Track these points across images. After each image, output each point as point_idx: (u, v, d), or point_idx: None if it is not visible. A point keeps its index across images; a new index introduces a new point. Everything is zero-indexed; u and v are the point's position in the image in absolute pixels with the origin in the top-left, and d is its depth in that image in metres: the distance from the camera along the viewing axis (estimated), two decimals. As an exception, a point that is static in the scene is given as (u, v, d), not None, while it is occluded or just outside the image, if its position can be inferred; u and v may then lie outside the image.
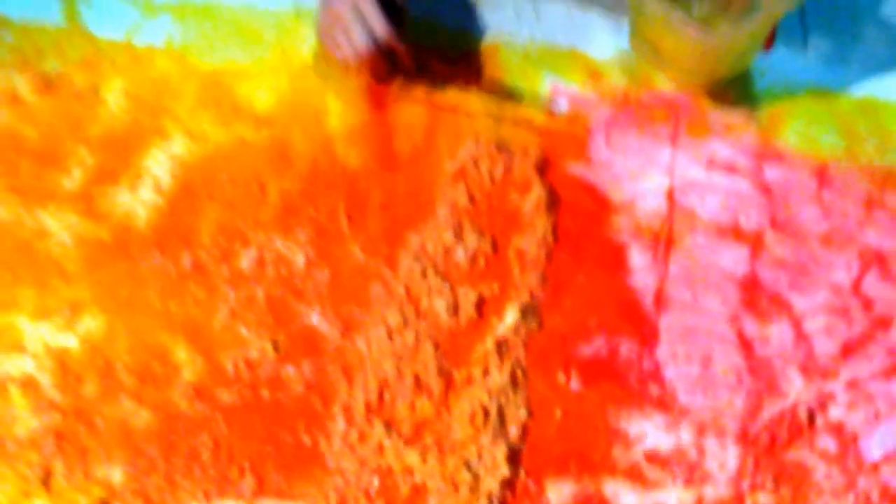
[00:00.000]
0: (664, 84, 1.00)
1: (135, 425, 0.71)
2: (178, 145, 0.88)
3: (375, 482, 0.73)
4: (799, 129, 1.01)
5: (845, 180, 0.97)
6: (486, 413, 0.75)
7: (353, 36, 0.80)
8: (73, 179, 0.84)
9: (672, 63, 0.97)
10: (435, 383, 0.76)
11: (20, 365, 0.73)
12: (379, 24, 0.81)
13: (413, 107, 0.94)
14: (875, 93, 1.05)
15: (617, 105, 0.99)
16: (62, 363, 0.74)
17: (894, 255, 0.92)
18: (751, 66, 1.02)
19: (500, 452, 0.74)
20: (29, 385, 0.72)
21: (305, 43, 0.96)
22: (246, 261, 0.81)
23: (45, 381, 0.73)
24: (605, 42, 1.03)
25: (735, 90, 1.01)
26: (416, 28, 0.97)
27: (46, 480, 0.68)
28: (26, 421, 0.71)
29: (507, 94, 0.96)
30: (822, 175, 0.97)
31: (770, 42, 0.95)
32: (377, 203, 0.86)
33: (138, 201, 0.84)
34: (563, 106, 0.97)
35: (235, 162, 0.88)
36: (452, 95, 0.93)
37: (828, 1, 1.12)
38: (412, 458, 0.72)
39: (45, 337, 0.75)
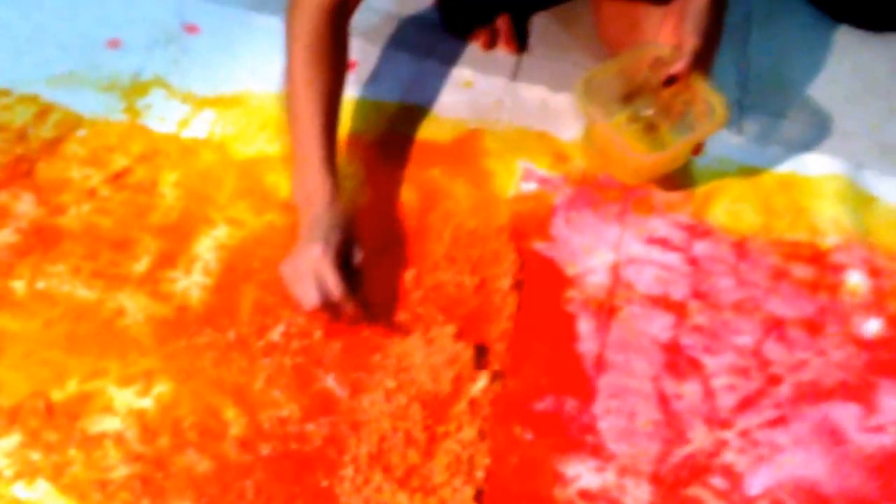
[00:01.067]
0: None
1: (198, 471, 1.01)
2: (221, 231, 1.15)
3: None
4: (726, 205, 1.27)
5: (759, 253, 1.25)
6: (459, 461, 1.05)
7: (308, 292, 1.01)
8: (141, 264, 1.12)
9: (615, 167, 1.24)
10: (421, 437, 1.06)
11: (111, 424, 1.03)
12: (333, 286, 1.01)
13: (408, 190, 1.22)
14: (796, 169, 1.32)
15: (577, 186, 1.27)
16: (142, 421, 1.03)
17: (792, 321, 1.20)
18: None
19: (469, 492, 1.04)
20: (119, 440, 1.02)
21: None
22: (276, 334, 1.10)
23: (131, 436, 1.02)
24: (572, 125, 1.30)
25: (675, 172, 1.29)
26: (407, 113, 1.25)
27: (136, 516, 0.99)
28: (119, 469, 1.01)
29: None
30: (741, 248, 1.24)
31: (699, 149, 1.23)
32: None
33: (192, 283, 1.12)
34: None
35: (265, 245, 1.15)
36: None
37: (763, 83, 1.39)
38: (403, 498, 1.03)
39: (128, 400, 1.04)
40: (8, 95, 1.19)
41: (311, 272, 1.00)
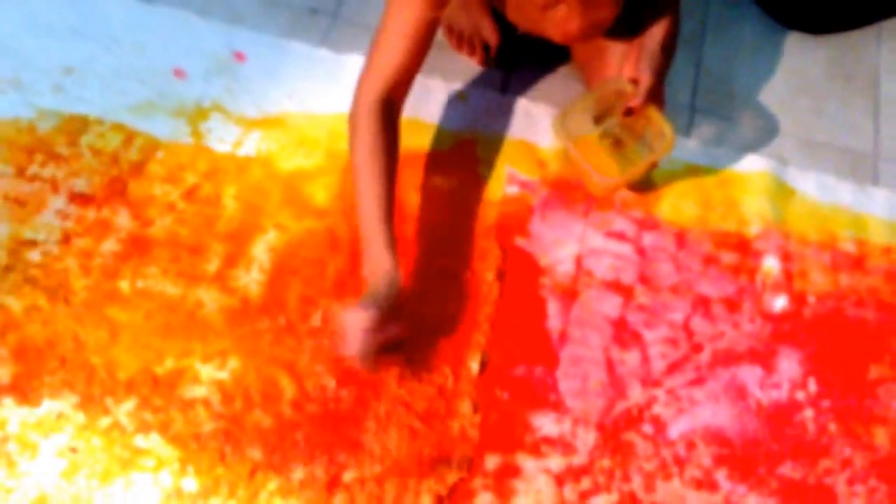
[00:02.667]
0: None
1: (263, 426, 1.57)
2: (271, 236, 1.70)
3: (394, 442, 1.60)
4: (672, 201, 1.76)
5: (695, 242, 1.79)
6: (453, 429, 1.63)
7: (349, 346, 1.46)
8: (212, 265, 1.67)
9: (587, 183, 1.77)
10: (422, 405, 1.64)
11: (200, 391, 1.59)
12: (363, 356, 1.46)
13: (412, 195, 1.76)
14: (731, 167, 1.85)
15: (551, 188, 1.81)
16: (222, 389, 1.60)
17: (716, 299, 1.74)
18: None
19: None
20: (206, 403, 1.58)
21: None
22: (316, 320, 1.66)
23: (214, 400, 1.58)
24: (550, 133, 1.83)
25: (636, 184, 1.80)
26: (415, 126, 1.77)
27: (223, 459, 1.58)
28: (207, 424, 1.58)
29: None
30: (681, 238, 1.77)
31: (654, 166, 1.75)
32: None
33: (251, 279, 1.66)
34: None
35: (306, 246, 1.69)
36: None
37: (713, 88, 1.90)
38: (410, 442, 1.61)
39: (210, 373, 1.61)
40: (101, 124, 1.69)
41: (358, 332, 1.46)
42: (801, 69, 1.85)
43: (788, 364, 1.62)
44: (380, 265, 1.47)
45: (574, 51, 1.72)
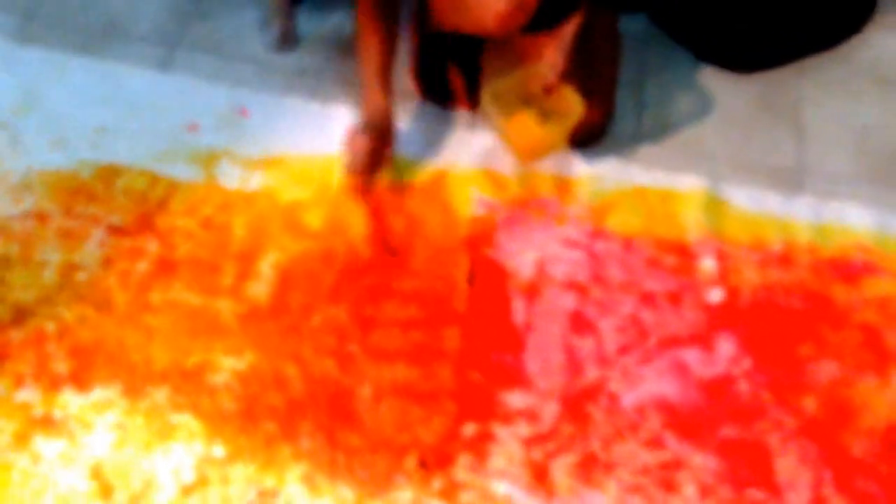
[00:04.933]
0: (543, 190, 2.57)
1: (275, 404, 2.26)
2: (274, 255, 2.46)
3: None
4: (619, 216, 2.54)
5: (641, 248, 2.53)
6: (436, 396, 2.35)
7: (345, 161, 2.39)
8: (228, 278, 2.43)
9: (514, 151, 2.53)
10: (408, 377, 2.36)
11: (222, 378, 2.31)
12: (359, 158, 2.38)
13: (397, 219, 2.51)
14: (671, 185, 2.59)
15: (514, 206, 2.56)
16: (240, 377, 2.31)
17: (660, 294, 2.47)
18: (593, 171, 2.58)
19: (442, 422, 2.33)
20: (228, 388, 2.30)
21: (337, 178, 2.53)
22: (315, 321, 2.40)
23: (234, 385, 2.30)
24: (509, 162, 2.59)
25: (584, 191, 2.57)
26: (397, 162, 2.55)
27: (244, 431, 2.27)
28: (229, 404, 2.26)
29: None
30: (628, 245, 2.52)
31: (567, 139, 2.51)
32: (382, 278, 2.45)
33: (259, 290, 2.41)
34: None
35: (303, 263, 2.44)
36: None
37: (652, 120, 2.67)
38: (400, 406, 2.31)
39: (230, 364, 2.32)
40: (131, 171, 2.53)
41: (349, 148, 2.36)
42: (730, 102, 2.70)
43: (725, 346, 2.39)
44: (372, 102, 2.39)
45: (516, 49, 2.59)
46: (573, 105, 2.49)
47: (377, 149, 2.36)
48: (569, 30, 2.49)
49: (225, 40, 2.86)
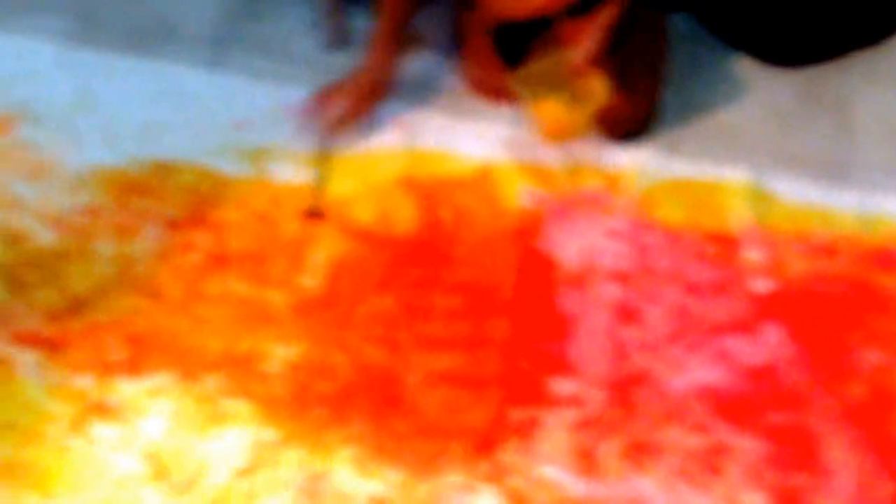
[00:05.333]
0: (590, 183, 2.68)
1: (324, 389, 2.38)
2: (324, 247, 2.58)
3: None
4: (665, 208, 2.66)
5: (686, 239, 2.63)
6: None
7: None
8: (278, 270, 2.55)
9: (543, 132, 2.68)
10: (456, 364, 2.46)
11: (273, 366, 2.42)
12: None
13: (446, 211, 2.63)
14: (715, 178, 2.70)
15: (561, 199, 2.67)
16: (290, 363, 2.42)
17: (705, 283, 2.57)
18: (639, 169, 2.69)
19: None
20: (279, 375, 2.41)
21: (386, 173, 2.65)
22: (365, 311, 2.51)
23: (286, 372, 2.41)
24: (556, 156, 2.71)
25: (630, 184, 2.68)
26: (438, 158, 2.67)
27: (295, 416, 2.38)
28: (280, 388, 2.37)
29: None
30: (674, 237, 2.63)
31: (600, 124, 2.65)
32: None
33: (310, 280, 2.54)
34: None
35: (352, 254, 2.57)
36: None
37: (695, 114, 2.78)
38: (447, 392, 2.41)
39: (281, 353, 2.44)
40: (183, 166, 2.68)
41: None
42: (775, 96, 2.85)
43: (771, 334, 2.52)
44: (375, 60, 2.70)
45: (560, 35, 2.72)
46: (600, 91, 2.64)
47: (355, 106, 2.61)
48: (603, 16, 2.63)
49: (274, 39, 3.02)
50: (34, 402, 2.30)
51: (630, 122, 2.72)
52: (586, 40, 2.63)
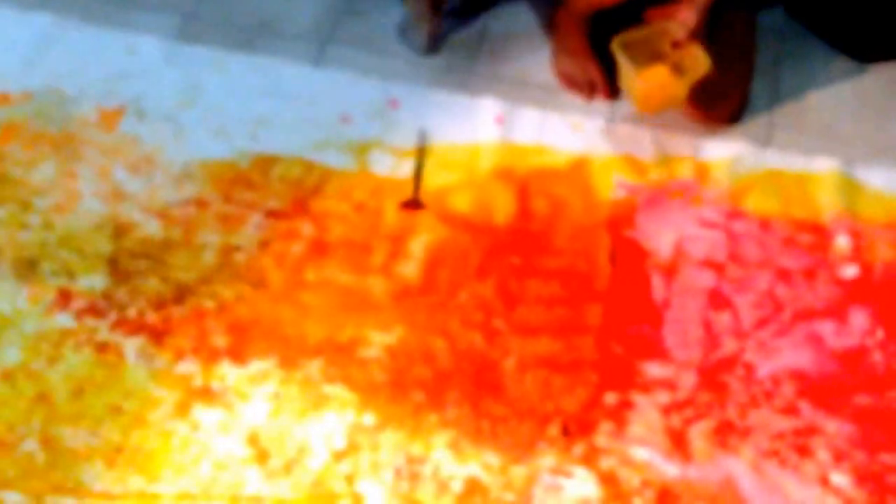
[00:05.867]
0: (681, 174, 2.68)
1: (423, 375, 2.40)
2: (424, 236, 2.61)
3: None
4: (756, 196, 2.66)
5: (777, 227, 2.63)
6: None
7: None
8: (378, 258, 2.58)
9: (636, 100, 2.68)
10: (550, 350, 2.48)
11: (372, 352, 2.45)
12: None
13: (541, 201, 2.65)
14: (806, 168, 2.70)
15: (653, 189, 2.68)
16: (389, 350, 2.45)
17: (795, 271, 2.57)
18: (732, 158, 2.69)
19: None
20: (378, 361, 2.43)
21: (483, 165, 2.68)
22: (462, 297, 2.53)
23: (385, 358, 2.44)
24: (647, 148, 2.72)
25: (721, 174, 2.68)
26: (538, 150, 2.69)
27: (393, 400, 2.41)
28: (380, 376, 2.42)
29: None
30: (765, 225, 2.63)
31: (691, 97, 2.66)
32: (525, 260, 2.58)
33: (409, 269, 2.57)
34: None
35: (451, 243, 2.59)
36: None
37: (787, 107, 2.78)
38: (544, 376, 2.43)
39: (380, 339, 2.47)
40: (286, 159, 2.72)
41: None
42: (864, 89, 2.86)
43: (859, 318, 2.51)
44: None
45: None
46: (700, 61, 2.65)
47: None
48: None
49: (375, 36, 3.07)
50: (139, 387, 2.34)
51: (722, 109, 2.78)
52: (685, 12, 2.64)
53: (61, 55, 2.97)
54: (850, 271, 2.56)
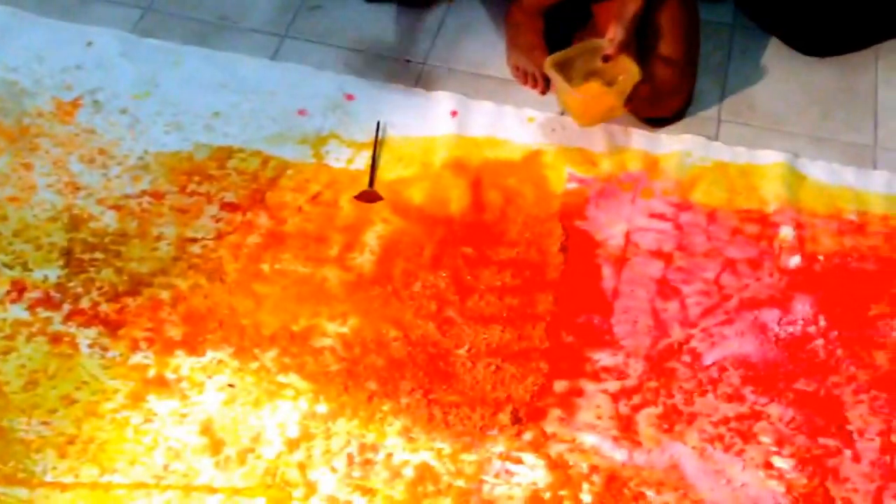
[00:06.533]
0: (632, 166, 2.67)
1: (377, 365, 2.37)
2: (379, 227, 2.59)
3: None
4: (703, 188, 2.65)
5: (723, 218, 2.62)
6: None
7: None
8: (333, 250, 2.55)
9: (572, 112, 2.67)
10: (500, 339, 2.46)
11: (326, 342, 2.42)
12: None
13: (494, 193, 2.63)
14: (752, 161, 2.69)
15: (604, 181, 2.66)
16: (343, 340, 2.43)
17: (741, 260, 2.56)
18: (679, 150, 2.68)
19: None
20: (332, 350, 2.40)
21: (438, 157, 2.66)
22: (417, 287, 2.51)
23: (339, 347, 2.42)
24: (600, 140, 2.70)
25: (670, 167, 2.67)
26: (493, 143, 2.67)
27: (346, 390, 2.38)
28: (333, 365, 2.39)
29: None
30: (712, 216, 2.62)
31: (629, 105, 2.64)
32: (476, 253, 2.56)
33: (364, 259, 2.54)
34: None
35: (406, 234, 2.58)
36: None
37: (735, 101, 2.77)
38: (490, 372, 2.41)
39: (334, 328, 2.44)
40: (243, 152, 2.69)
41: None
42: (810, 83, 2.84)
43: (802, 306, 2.50)
44: None
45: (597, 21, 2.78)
46: (631, 73, 2.64)
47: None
48: (630, 6, 2.62)
49: (332, 31, 3.07)
50: (93, 378, 2.31)
51: (666, 106, 2.78)
52: (613, 28, 2.63)
53: (18, 47, 2.95)
54: (794, 261, 2.55)
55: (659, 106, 2.78)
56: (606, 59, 2.63)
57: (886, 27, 3.02)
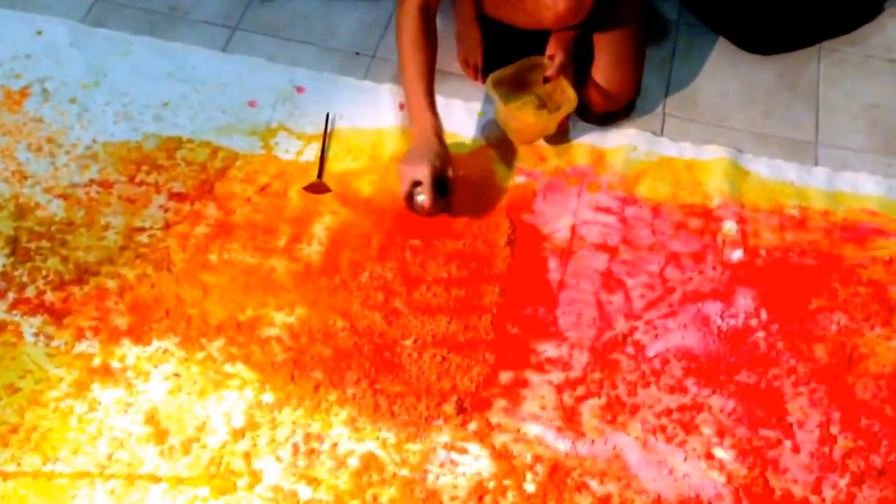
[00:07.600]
0: (579, 161, 2.61)
1: (324, 355, 2.31)
2: (327, 219, 2.51)
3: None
4: (648, 183, 2.59)
5: (668, 213, 2.56)
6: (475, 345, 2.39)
7: (407, 198, 2.44)
8: (281, 241, 2.48)
9: (510, 133, 2.61)
10: (447, 328, 2.39)
11: (273, 331, 2.34)
12: (427, 202, 2.42)
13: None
14: (696, 156, 2.63)
15: (552, 175, 2.60)
16: (290, 330, 2.36)
17: (685, 254, 2.50)
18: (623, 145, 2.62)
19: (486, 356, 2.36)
20: (279, 340, 2.32)
21: (387, 150, 2.59)
22: (364, 278, 2.44)
23: (285, 337, 2.34)
24: (550, 136, 2.64)
25: (616, 162, 2.60)
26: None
27: (293, 379, 2.31)
28: (280, 355, 2.31)
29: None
30: (656, 211, 2.56)
31: (564, 125, 2.60)
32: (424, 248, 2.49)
33: (312, 250, 2.47)
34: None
35: (354, 225, 2.51)
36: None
37: (679, 97, 2.70)
38: (438, 363, 2.34)
39: (281, 318, 2.37)
40: (192, 142, 2.60)
41: (412, 185, 2.43)
42: (752, 81, 2.78)
43: (744, 300, 2.45)
44: (424, 124, 2.45)
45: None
46: (568, 97, 2.61)
47: (437, 170, 2.43)
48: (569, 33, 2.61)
49: (283, 23, 2.99)
50: (37, 366, 2.25)
51: (613, 102, 2.73)
52: (553, 49, 2.59)
53: (-34, 36, 2.89)
54: (736, 255, 2.50)
55: (607, 102, 2.73)
56: (546, 80, 2.59)
57: (828, 26, 2.99)
